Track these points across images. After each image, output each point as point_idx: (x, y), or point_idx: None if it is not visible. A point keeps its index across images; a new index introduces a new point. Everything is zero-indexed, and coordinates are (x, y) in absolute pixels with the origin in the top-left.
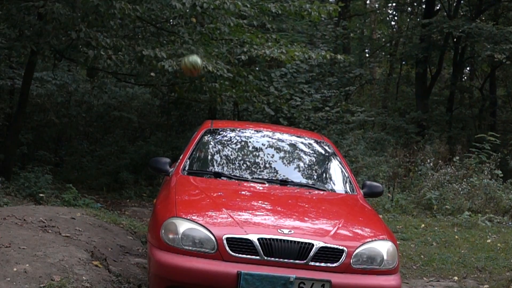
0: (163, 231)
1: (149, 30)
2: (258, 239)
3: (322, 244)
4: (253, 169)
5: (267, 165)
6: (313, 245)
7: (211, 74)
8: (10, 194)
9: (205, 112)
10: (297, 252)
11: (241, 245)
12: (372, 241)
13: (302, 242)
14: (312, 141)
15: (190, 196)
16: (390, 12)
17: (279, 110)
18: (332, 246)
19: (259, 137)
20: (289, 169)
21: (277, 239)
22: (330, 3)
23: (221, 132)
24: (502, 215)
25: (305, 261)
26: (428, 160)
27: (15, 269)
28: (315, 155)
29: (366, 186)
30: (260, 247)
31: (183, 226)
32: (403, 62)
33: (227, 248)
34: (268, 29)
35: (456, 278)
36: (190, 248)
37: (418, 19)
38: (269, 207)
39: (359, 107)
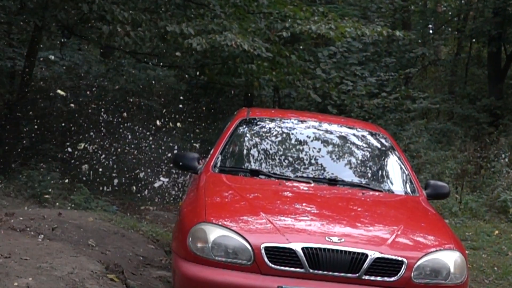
0: (190, 239)
1: (174, 1)
2: (303, 249)
3: (377, 255)
4: (296, 166)
5: (313, 162)
6: (367, 255)
7: (247, 54)
8: (10, 195)
9: (240, 99)
10: (348, 264)
11: (282, 255)
12: (436, 251)
13: (354, 252)
14: (366, 133)
15: (222, 198)
16: None
17: (327, 96)
18: (389, 257)
19: (303, 128)
20: (338, 166)
21: (324, 249)
22: None
23: (258, 122)
24: None
25: (357, 274)
26: (503, 155)
27: (15, 284)
28: (369, 149)
29: (429, 186)
30: (304, 258)
31: (214, 233)
32: (473, 40)
33: (266, 259)
34: (314, 1)
35: None
36: (222, 259)
37: None
38: (315, 211)
39: (421, 93)
